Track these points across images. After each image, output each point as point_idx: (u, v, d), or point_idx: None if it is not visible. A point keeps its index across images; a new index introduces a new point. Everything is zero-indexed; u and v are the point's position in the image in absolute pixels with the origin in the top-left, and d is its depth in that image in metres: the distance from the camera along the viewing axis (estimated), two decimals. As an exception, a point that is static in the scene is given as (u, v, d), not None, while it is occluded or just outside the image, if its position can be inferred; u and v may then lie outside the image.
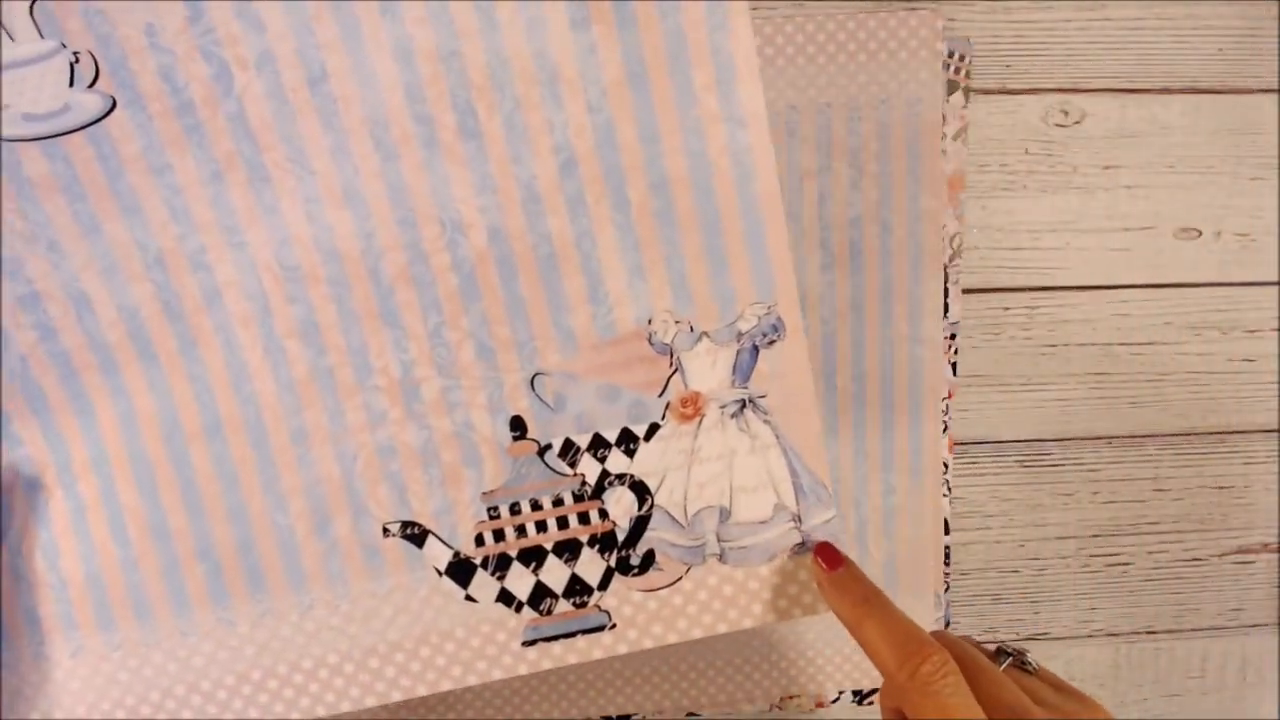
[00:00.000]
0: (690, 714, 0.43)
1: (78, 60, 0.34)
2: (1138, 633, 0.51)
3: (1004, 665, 0.36)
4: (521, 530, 0.39)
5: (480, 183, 0.37)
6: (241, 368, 0.37)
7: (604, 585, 0.40)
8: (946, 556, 0.45)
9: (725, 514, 0.40)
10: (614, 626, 0.39)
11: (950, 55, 0.42)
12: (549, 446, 0.39)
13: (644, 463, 0.39)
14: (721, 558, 0.40)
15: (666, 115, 0.37)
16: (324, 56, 0.35)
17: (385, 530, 0.39)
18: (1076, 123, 0.43)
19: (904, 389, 0.45)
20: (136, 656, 0.38)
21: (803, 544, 0.40)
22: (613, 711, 0.42)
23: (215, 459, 0.38)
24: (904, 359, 0.45)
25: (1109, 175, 0.44)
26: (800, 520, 0.40)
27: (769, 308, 0.39)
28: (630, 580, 0.40)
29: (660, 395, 0.39)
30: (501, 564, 0.39)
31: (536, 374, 0.38)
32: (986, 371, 0.45)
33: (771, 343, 0.39)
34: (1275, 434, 0.48)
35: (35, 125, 0.35)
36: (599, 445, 0.39)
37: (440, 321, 0.38)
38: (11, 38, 0.34)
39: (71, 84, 0.34)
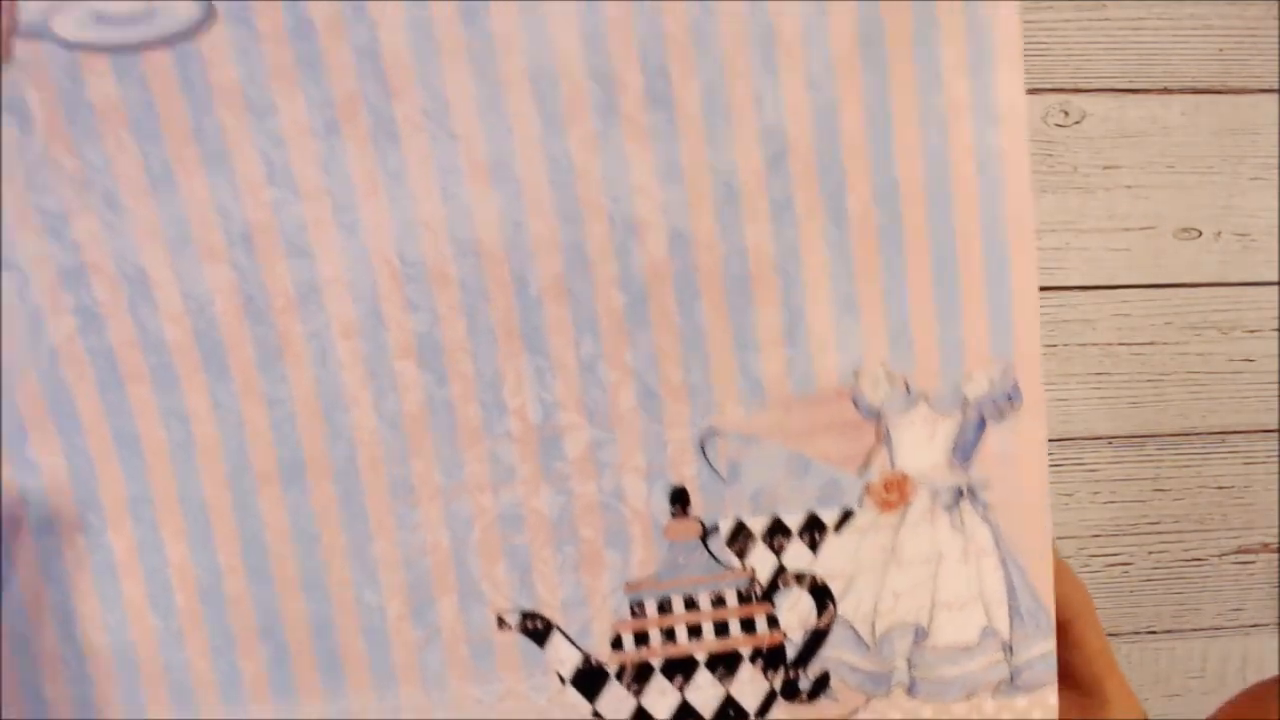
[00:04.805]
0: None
1: None
2: (1138, 633, 0.48)
3: None
4: (670, 635, 0.26)
5: (666, 169, 0.24)
6: (336, 393, 0.25)
7: (763, 712, 0.27)
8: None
9: (921, 634, 0.27)
10: (772, 767, 0.26)
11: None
12: (715, 529, 0.26)
13: (830, 560, 0.27)
14: (910, 689, 0.27)
15: (904, 100, 0.25)
16: None
17: (500, 620, 0.26)
18: (1076, 123, 0.41)
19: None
20: (157, 757, 0.25)
21: (1010, 681, 0.27)
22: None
23: (291, 509, 0.25)
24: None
25: (1109, 175, 0.41)
26: (1011, 651, 0.27)
27: (1004, 368, 0.26)
28: (795, 708, 0.27)
29: (860, 473, 0.26)
30: (640, 675, 0.26)
31: (709, 432, 0.26)
32: (987, 371, 0.38)
33: (1003, 415, 0.26)
34: (1275, 434, 0.46)
35: (109, 30, 0.23)
36: (777, 532, 0.27)
37: (597, 353, 0.25)
38: None
39: None
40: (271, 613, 0.26)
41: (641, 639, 0.26)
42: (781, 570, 0.27)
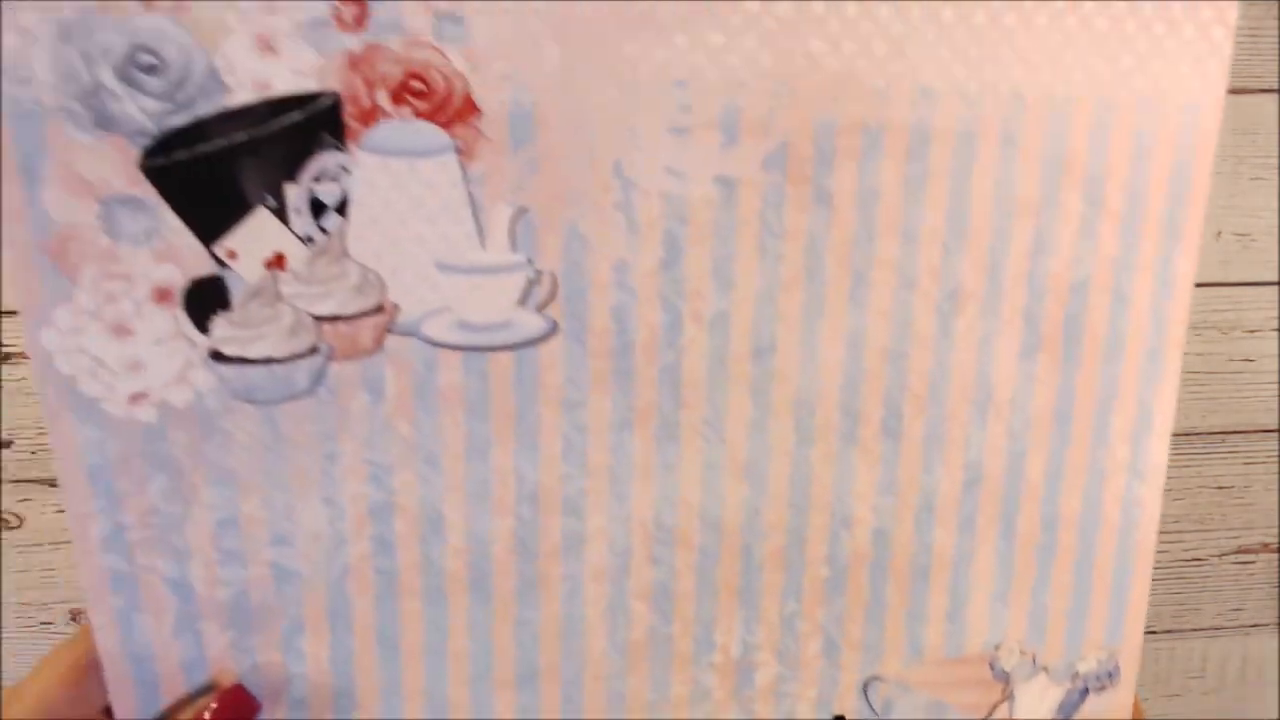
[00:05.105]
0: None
1: (538, 279, 0.42)
2: (1138, 632, 0.63)
3: None
4: (813, 829, 0.50)
5: (884, 484, 0.46)
6: (576, 621, 0.46)
7: None
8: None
9: (1005, 841, 0.52)
10: None
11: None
12: (862, 751, 0.50)
13: (946, 781, 0.51)
14: None
15: (1077, 455, 0.47)
16: (778, 329, 0.44)
17: (679, 807, 0.49)
18: (1078, 122, 0.52)
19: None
20: None
21: None
22: None
23: (520, 709, 0.47)
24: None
25: (1110, 175, 0.53)
26: None
27: (1111, 654, 0.50)
28: None
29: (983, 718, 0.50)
30: None
31: (873, 678, 0.49)
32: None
33: (1103, 688, 0.51)
34: (1275, 434, 0.63)
35: (467, 334, 0.42)
36: (909, 757, 0.50)
37: (796, 611, 0.47)
38: (482, 243, 0.41)
39: (521, 301, 0.42)
40: (489, 787, 0.48)
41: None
42: (905, 786, 0.51)
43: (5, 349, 0.62)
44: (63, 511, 0.67)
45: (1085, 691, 0.50)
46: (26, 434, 0.66)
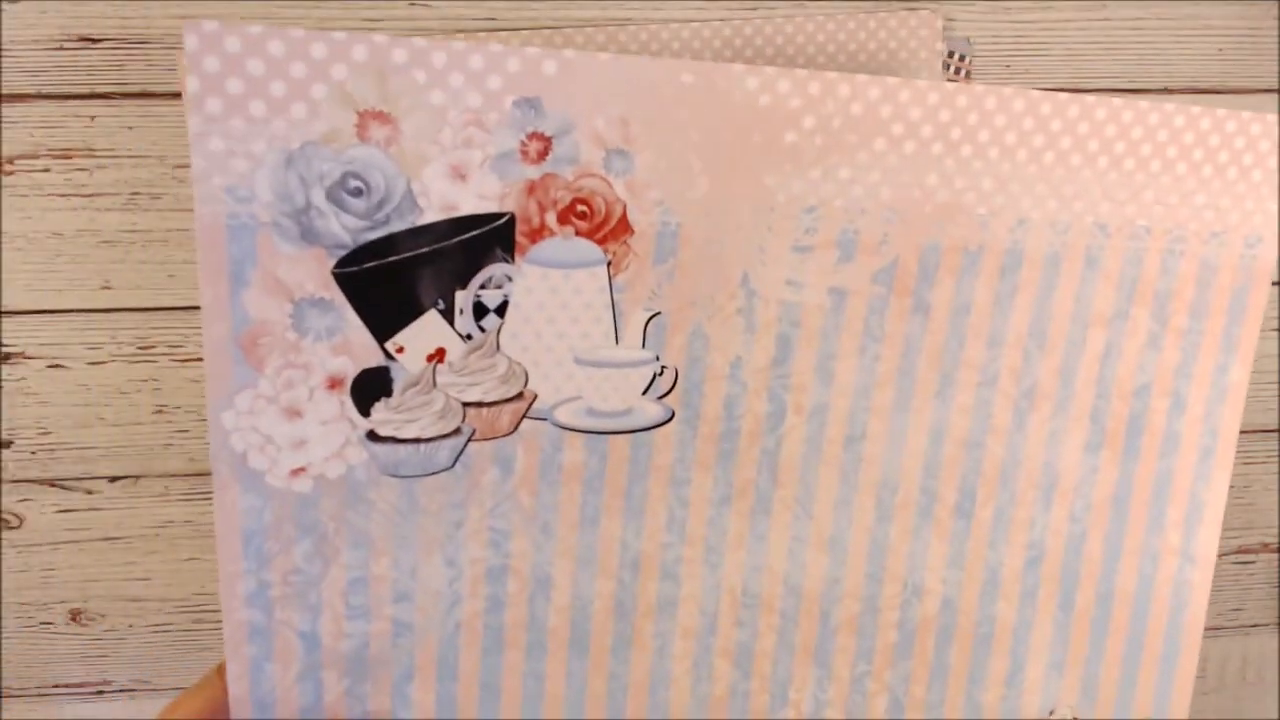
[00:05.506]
0: None
1: (661, 373, 0.70)
2: (1138, 632, 0.84)
3: None
4: None
5: (953, 557, 0.76)
6: (664, 675, 0.75)
7: None
8: None
9: None
10: None
11: (950, 55, 0.70)
12: (914, 801, 0.80)
13: (989, 833, 0.81)
14: None
15: (1133, 539, 0.77)
16: (870, 420, 0.73)
17: None
18: (1078, 121, 0.69)
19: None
20: None
21: None
22: None
23: None
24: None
25: (1110, 173, 0.71)
26: None
27: None
28: None
29: None
30: None
31: None
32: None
33: None
34: (1275, 434, 0.84)
35: (593, 420, 0.69)
36: (958, 811, 0.80)
37: (866, 671, 0.77)
38: (617, 340, 0.69)
39: (644, 392, 0.70)
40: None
41: None
42: (951, 837, 0.81)
43: (5, 349, 0.82)
44: (63, 511, 0.90)
45: (1127, 754, 0.80)
46: (27, 434, 0.85)
